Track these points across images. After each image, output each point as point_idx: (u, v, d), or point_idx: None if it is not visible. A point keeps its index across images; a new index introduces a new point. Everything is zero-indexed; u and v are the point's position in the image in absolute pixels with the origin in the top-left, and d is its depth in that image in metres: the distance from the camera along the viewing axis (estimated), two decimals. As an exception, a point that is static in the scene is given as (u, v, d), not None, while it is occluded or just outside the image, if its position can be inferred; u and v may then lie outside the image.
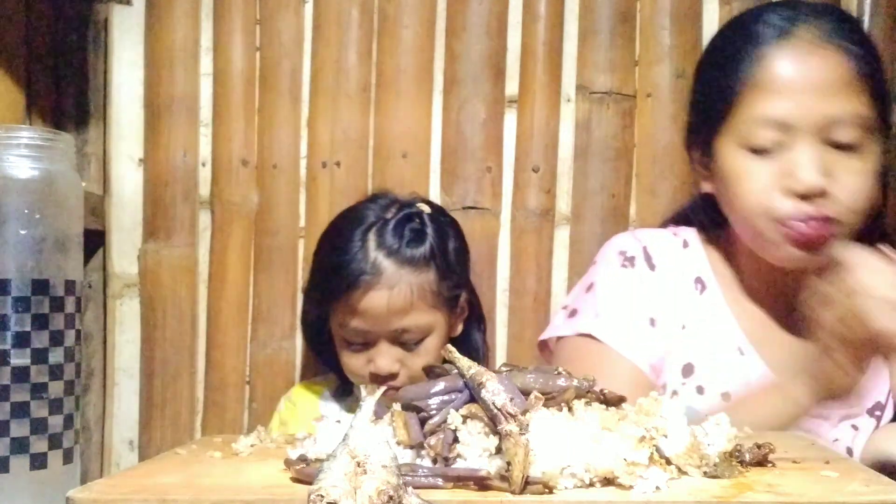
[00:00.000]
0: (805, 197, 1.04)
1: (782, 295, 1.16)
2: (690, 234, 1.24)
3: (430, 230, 1.30)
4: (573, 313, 1.21)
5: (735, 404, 1.08)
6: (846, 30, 1.09)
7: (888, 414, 1.17)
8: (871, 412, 1.16)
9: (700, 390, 1.15)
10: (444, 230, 1.32)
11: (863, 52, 1.07)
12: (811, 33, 1.07)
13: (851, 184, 1.05)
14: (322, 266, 1.32)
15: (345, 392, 1.39)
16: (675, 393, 1.15)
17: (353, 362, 1.29)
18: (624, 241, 1.24)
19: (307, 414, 1.36)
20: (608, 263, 1.23)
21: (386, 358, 1.25)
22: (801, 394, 0.97)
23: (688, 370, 1.16)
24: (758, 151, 1.07)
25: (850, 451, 1.11)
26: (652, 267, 1.20)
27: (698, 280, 1.20)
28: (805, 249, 1.06)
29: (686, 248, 1.23)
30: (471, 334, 1.39)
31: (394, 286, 1.23)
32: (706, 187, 1.18)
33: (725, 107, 1.10)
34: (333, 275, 1.26)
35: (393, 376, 1.26)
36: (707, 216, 1.22)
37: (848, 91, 1.05)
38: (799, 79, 1.06)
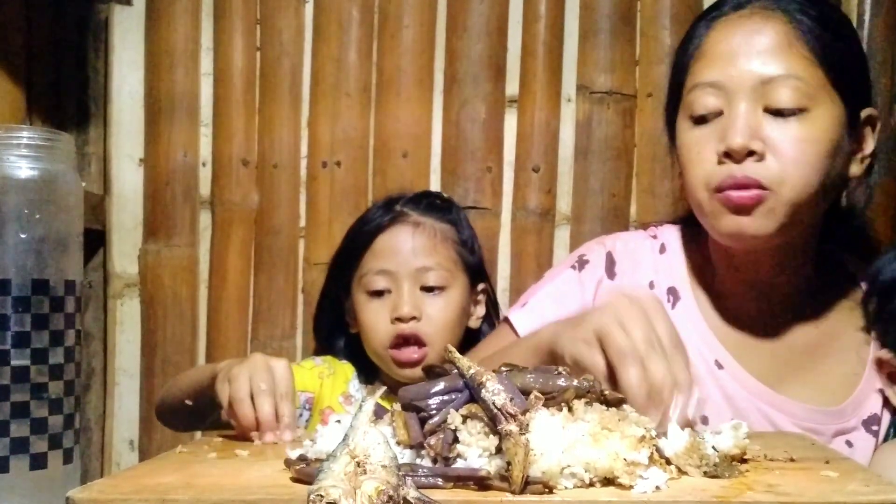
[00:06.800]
0: (737, 160, 1.02)
1: (763, 297, 1.12)
2: (673, 235, 1.21)
3: (448, 204, 1.41)
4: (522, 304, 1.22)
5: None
6: None
7: (884, 426, 1.10)
8: (867, 426, 1.09)
9: None
10: (460, 210, 1.42)
11: (807, 18, 1.04)
12: (756, 2, 1.07)
13: (787, 150, 1.01)
14: (350, 234, 1.39)
15: (367, 381, 1.38)
16: None
17: (375, 317, 1.30)
18: (590, 244, 1.24)
19: (338, 383, 1.36)
20: (564, 263, 1.24)
21: (408, 299, 1.28)
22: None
23: None
24: (700, 120, 1.06)
25: None
26: (612, 275, 1.18)
27: (671, 290, 1.16)
28: (737, 213, 1.03)
29: (663, 254, 1.19)
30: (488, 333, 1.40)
31: (419, 225, 1.32)
32: (680, 177, 1.15)
33: (680, 83, 1.11)
34: (362, 229, 1.35)
35: (414, 320, 1.28)
36: (688, 214, 1.18)
37: (785, 53, 1.03)
38: (734, 42, 1.05)
